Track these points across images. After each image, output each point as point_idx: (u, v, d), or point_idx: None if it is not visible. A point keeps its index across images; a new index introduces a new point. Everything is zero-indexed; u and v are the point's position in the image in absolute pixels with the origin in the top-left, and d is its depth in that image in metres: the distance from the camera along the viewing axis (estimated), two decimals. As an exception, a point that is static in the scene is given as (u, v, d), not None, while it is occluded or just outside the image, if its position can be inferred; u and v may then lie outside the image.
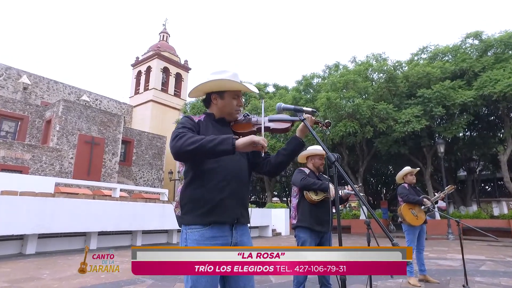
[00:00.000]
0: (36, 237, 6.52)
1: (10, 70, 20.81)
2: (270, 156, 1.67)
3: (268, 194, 22.33)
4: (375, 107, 14.25)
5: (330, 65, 18.98)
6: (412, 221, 4.20)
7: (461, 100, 13.02)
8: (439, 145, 14.00)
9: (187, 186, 1.49)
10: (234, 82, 1.55)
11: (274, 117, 1.59)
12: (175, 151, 1.35)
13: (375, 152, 17.22)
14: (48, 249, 6.84)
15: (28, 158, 16.21)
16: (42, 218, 6.40)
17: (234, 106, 1.62)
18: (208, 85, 1.58)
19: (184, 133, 1.38)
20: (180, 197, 1.50)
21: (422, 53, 16.49)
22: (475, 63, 13.75)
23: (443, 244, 10.39)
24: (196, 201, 1.44)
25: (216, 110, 1.64)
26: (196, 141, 1.31)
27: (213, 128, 1.56)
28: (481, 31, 14.24)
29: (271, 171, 1.66)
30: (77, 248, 7.31)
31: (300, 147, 1.64)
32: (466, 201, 18.21)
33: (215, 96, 1.61)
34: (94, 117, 18.98)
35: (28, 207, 6.25)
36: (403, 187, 4.44)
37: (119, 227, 8.21)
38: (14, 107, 18.11)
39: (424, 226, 4.34)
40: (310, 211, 2.90)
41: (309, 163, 3.17)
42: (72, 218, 6.97)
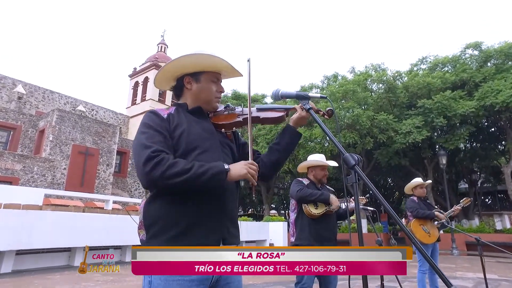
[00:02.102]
0: (14, 254, 6.02)
1: (5, 80, 20.52)
2: (260, 156, 1.32)
3: (266, 206, 21.80)
4: (375, 118, 13.99)
5: (328, 76, 18.83)
6: (424, 238, 3.79)
7: (463, 110, 12.79)
8: (440, 157, 13.67)
9: (153, 199, 1.11)
10: (213, 58, 1.19)
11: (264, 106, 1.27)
12: (152, 180, 1.02)
13: (375, 163, 16.88)
14: (26, 267, 6.32)
15: (19, 168, 15.71)
16: (21, 233, 5.92)
17: (213, 91, 1.27)
18: (179, 63, 1.21)
19: (161, 157, 1.02)
20: (143, 216, 1.11)
21: (422, 63, 16.40)
22: (475, 74, 13.61)
23: (449, 260, 9.92)
24: (165, 220, 1.07)
25: (189, 98, 1.27)
26: (182, 172, 1.01)
27: (187, 122, 1.19)
28: (480, 41, 14.18)
29: (264, 173, 1.28)
30: (60, 265, 6.80)
31: (295, 138, 1.30)
32: (469, 214, 17.76)
33: (188, 80, 1.25)
34: (89, 127, 18.58)
35: (5, 220, 5.79)
36: (412, 201, 4.04)
37: (107, 241, 7.72)
38: (6, 116, 17.71)
39: (437, 245, 3.93)
40: (309, 227, 2.52)
41: (310, 174, 2.81)
42: (55, 233, 6.49)
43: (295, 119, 1.28)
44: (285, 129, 1.31)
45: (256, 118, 1.25)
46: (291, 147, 1.31)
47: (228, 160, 1.22)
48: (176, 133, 1.14)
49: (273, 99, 1.18)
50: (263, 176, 1.29)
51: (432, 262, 0.84)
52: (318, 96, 1.09)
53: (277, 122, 1.29)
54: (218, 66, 1.24)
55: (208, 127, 1.23)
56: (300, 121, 1.28)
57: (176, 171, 1.00)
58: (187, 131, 1.15)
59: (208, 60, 1.20)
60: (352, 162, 0.89)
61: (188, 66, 1.23)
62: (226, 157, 1.22)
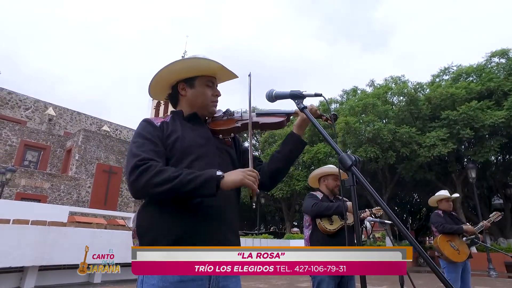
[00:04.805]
0: (36, 270, 6.16)
1: (38, 103, 21.83)
2: (262, 164, 1.25)
3: (287, 224, 21.35)
4: (397, 131, 13.56)
5: (347, 90, 18.66)
6: (453, 256, 3.49)
7: (491, 121, 12.16)
8: (469, 170, 12.92)
9: (145, 207, 1.07)
10: (206, 61, 1.16)
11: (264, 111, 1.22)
12: (137, 189, 0.99)
13: (399, 178, 16.22)
14: (48, 283, 6.43)
15: (47, 187, 16.39)
16: (44, 249, 6.06)
17: (209, 95, 1.22)
18: (172, 70, 1.19)
19: (148, 165, 0.99)
20: (136, 224, 1.08)
21: (444, 74, 15.92)
22: (504, 82, 13.01)
23: (486, 282, 9.18)
24: (157, 229, 1.02)
25: (185, 104, 1.24)
26: (169, 179, 0.96)
27: (182, 129, 1.15)
28: (508, 49, 13.61)
29: (264, 183, 1.21)
30: (80, 282, 6.86)
31: (300, 147, 1.22)
32: (506, 232, 16.50)
33: (182, 86, 1.22)
34: (112, 146, 19.25)
35: (30, 237, 5.96)
36: (437, 215, 3.77)
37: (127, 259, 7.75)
38: (38, 137, 18.71)
39: (468, 263, 3.60)
40: (325, 244, 2.37)
41: (322, 185, 2.68)
42: (76, 249, 6.60)
43: (297, 124, 1.22)
44: (288, 136, 1.25)
45: (255, 123, 1.20)
46: (293, 155, 1.23)
47: (227, 166, 1.16)
48: (170, 140, 1.11)
49: (268, 100, 1.13)
50: (262, 186, 1.21)
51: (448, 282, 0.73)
52: (313, 94, 1.03)
53: (277, 127, 1.23)
54: (211, 69, 1.21)
55: (204, 133, 1.19)
56: (303, 124, 1.21)
57: (163, 179, 0.96)
58: (181, 138, 1.12)
59: (199, 63, 1.18)
60: (348, 163, 0.81)
61: (180, 71, 1.20)
62: (224, 164, 1.16)
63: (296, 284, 7.78)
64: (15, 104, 20.67)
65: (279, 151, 1.24)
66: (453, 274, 3.48)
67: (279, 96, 1.09)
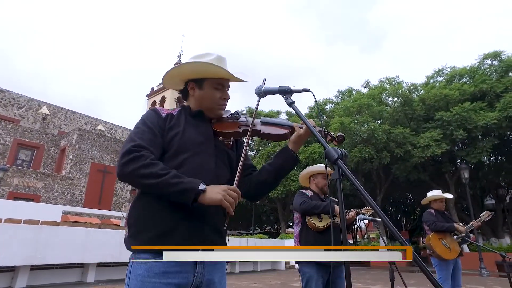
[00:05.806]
0: (28, 269, 6.09)
1: (31, 102, 21.60)
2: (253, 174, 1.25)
3: (282, 224, 21.37)
4: (391, 132, 13.67)
5: (343, 90, 18.76)
6: (444, 253, 3.54)
7: (484, 122, 12.31)
8: (462, 171, 13.08)
9: (138, 199, 1.10)
10: (215, 67, 1.16)
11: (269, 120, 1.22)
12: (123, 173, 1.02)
13: (393, 179, 16.35)
14: (40, 283, 6.37)
15: (40, 186, 16.22)
16: (36, 248, 6.00)
17: (217, 99, 1.23)
18: (182, 70, 1.21)
19: (141, 153, 1.01)
20: (128, 214, 1.11)
21: (438, 75, 16.08)
22: (496, 84, 13.18)
23: (477, 281, 9.28)
24: (144, 221, 1.04)
25: (193, 102, 1.26)
26: (153, 175, 0.98)
27: (186, 123, 1.17)
28: (500, 51, 13.78)
29: (250, 193, 1.21)
30: (72, 281, 6.80)
31: (291, 162, 1.21)
32: (498, 232, 16.71)
33: (192, 85, 1.24)
34: (107, 145, 19.10)
35: (22, 236, 5.90)
36: (430, 213, 3.81)
37: (120, 258, 7.70)
38: (31, 136, 18.50)
39: (458, 260, 3.65)
40: (314, 241, 2.39)
41: (312, 184, 2.70)
42: (69, 248, 6.55)
43: (293, 139, 1.19)
44: (282, 150, 1.23)
45: (256, 131, 1.19)
46: (283, 171, 1.21)
47: (223, 167, 1.18)
48: (171, 133, 1.13)
49: (257, 96, 1.13)
50: (248, 196, 1.22)
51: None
52: (301, 90, 1.04)
53: (280, 139, 1.22)
54: (219, 73, 1.21)
55: (206, 132, 1.19)
56: (298, 140, 1.19)
57: (149, 172, 0.98)
58: (182, 133, 1.13)
59: (210, 68, 1.17)
60: (334, 156, 0.82)
61: (189, 73, 1.22)
62: (222, 164, 1.18)
63: (290, 284, 7.79)
64: (8, 102, 20.44)
65: (270, 163, 1.23)
66: (444, 272, 3.53)
67: (268, 92, 1.10)
